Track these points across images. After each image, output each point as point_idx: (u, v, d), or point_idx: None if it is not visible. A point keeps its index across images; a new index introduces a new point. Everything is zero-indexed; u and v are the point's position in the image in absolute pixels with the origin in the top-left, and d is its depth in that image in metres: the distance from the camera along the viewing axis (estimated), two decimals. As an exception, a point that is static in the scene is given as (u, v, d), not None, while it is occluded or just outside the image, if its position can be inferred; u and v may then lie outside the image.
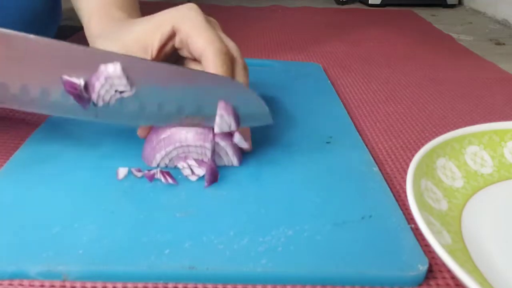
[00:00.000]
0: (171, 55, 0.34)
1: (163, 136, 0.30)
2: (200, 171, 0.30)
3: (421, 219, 0.23)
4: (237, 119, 0.30)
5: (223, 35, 0.35)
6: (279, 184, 0.30)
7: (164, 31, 0.34)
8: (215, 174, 0.30)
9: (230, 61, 0.32)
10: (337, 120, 0.40)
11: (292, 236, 0.25)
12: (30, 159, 0.31)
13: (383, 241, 0.25)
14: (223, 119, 0.30)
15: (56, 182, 0.29)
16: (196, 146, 0.30)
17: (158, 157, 0.30)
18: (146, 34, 0.34)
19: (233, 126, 0.30)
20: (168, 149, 0.30)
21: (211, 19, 0.37)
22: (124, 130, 0.34)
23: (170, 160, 0.30)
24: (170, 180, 0.29)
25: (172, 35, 0.34)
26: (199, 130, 0.30)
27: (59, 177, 0.30)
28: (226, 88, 0.31)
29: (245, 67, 0.34)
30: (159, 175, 0.29)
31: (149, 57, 0.33)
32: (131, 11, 0.42)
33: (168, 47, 0.33)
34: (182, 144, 0.30)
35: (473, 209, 0.29)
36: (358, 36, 0.78)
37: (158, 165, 0.31)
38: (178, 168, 0.30)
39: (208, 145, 0.30)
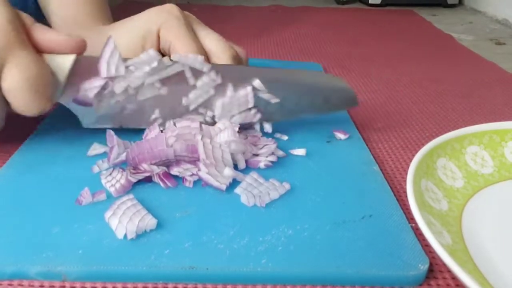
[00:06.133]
0: None
1: (145, 148, 0.29)
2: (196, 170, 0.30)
3: (422, 219, 0.23)
4: None
5: (204, 32, 0.39)
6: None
7: (153, 42, 0.37)
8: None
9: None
10: (337, 119, 0.40)
11: (292, 236, 0.25)
12: (29, 159, 0.31)
13: (383, 241, 0.25)
14: None
15: (56, 182, 0.29)
16: (184, 156, 0.30)
17: (145, 165, 0.29)
18: (136, 43, 0.37)
19: None
20: (153, 161, 0.29)
21: (191, 17, 0.40)
22: (124, 131, 0.34)
23: (159, 167, 0.30)
24: (169, 184, 0.29)
25: (158, 43, 0.38)
26: (185, 142, 0.30)
27: (59, 177, 0.30)
28: (318, 78, 0.38)
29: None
30: (157, 179, 0.29)
31: None
32: (105, 21, 0.43)
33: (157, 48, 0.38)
34: (168, 159, 0.29)
35: (473, 209, 0.29)
36: (358, 36, 0.78)
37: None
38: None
39: (196, 155, 0.30)
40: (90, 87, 0.31)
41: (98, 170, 0.30)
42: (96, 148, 0.32)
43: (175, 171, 0.30)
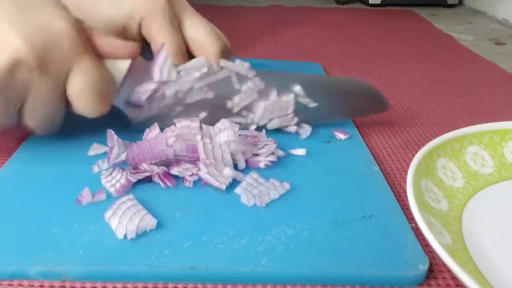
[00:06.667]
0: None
1: (145, 148, 0.29)
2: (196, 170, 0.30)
3: (422, 220, 0.23)
4: None
5: (190, 21, 0.39)
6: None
7: (135, 27, 0.38)
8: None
9: (185, 59, 0.38)
10: (337, 120, 0.40)
11: (292, 236, 0.25)
12: (29, 159, 0.31)
13: (383, 241, 0.25)
14: None
15: (56, 182, 0.29)
16: (184, 156, 0.30)
17: (145, 165, 0.29)
18: (116, 23, 0.38)
19: None
20: (153, 161, 0.29)
21: (178, 3, 0.40)
22: (125, 131, 0.34)
23: (159, 167, 0.29)
24: (169, 184, 0.29)
25: (139, 30, 0.38)
26: (185, 142, 0.30)
27: (59, 177, 0.30)
28: (353, 84, 0.39)
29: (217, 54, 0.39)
30: (157, 179, 0.29)
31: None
32: None
33: (139, 37, 0.39)
34: (168, 158, 0.29)
35: (473, 209, 0.29)
36: (358, 36, 0.78)
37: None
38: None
39: (196, 155, 0.30)
40: (143, 91, 0.33)
41: (98, 170, 0.30)
42: (96, 148, 0.32)
43: (175, 171, 0.30)
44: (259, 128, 0.36)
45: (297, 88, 0.36)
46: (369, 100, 0.39)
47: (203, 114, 0.35)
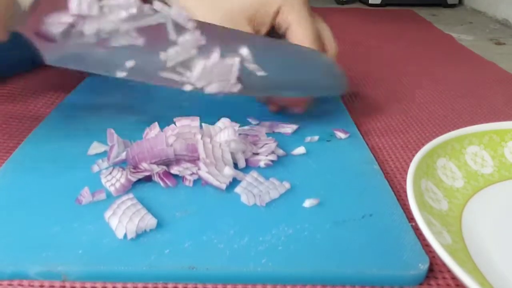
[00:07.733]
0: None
1: (145, 148, 0.29)
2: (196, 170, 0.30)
3: (422, 220, 0.23)
4: None
5: (320, 25, 0.39)
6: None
7: (271, 13, 0.36)
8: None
9: (321, 48, 0.37)
10: (337, 119, 0.40)
11: (292, 235, 0.25)
12: (29, 158, 0.31)
13: (383, 240, 0.25)
14: None
15: (56, 182, 0.29)
16: (184, 155, 0.30)
17: (145, 165, 0.29)
18: (253, 7, 0.36)
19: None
20: (153, 160, 0.29)
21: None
22: (124, 130, 0.34)
23: (159, 166, 0.29)
24: (169, 183, 0.29)
25: (275, 17, 0.36)
26: (185, 141, 0.30)
27: (59, 176, 0.30)
28: (314, 57, 0.35)
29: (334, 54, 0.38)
30: (157, 179, 0.29)
31: (251, 29, 0.35)
32: None
33: (270, 24, 0.37)
34: (169, 158, 0.29)
35: (473, 209, 0.29)
36: (358, 36, 0.78)
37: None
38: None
39: (196, 154, 0.30)
40: (55, 22, 0.28)
41: (98, 169, 0.30)
42: (96, 147, 0.32)
43: (175, 170, 0.29)
44: (196, 90, 0.32)
45: (244, 51, 0.32)
46: (328, 78, 0.36)
47: (130, 63, 0.30)
